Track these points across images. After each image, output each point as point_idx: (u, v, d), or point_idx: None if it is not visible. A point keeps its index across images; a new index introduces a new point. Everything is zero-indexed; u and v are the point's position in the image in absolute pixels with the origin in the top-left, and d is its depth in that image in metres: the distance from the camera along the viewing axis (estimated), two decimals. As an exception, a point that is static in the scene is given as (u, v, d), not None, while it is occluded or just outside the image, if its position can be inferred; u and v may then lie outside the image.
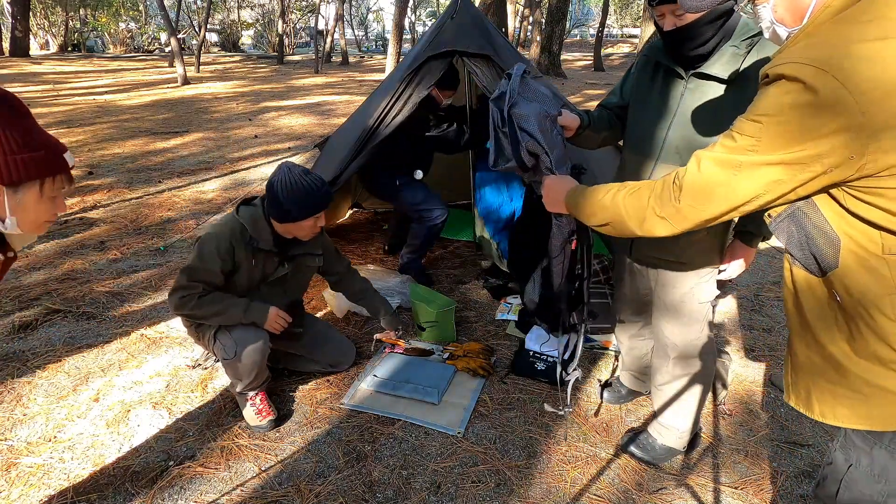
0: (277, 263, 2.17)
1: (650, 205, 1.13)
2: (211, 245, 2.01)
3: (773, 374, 2.52)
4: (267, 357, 2.15)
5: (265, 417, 2.14)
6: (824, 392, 1.07)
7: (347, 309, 2.97)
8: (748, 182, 0.97)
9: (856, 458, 1.10)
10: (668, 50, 1.60)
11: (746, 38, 1.48)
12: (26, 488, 1.87)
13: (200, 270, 2.02)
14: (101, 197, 4.84)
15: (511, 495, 1.86)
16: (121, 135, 7.23)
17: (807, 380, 1.11)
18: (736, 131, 0.99)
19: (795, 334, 1.13)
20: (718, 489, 1.90)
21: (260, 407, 2.16)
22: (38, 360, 2.56)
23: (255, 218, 2.08)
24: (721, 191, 1.01)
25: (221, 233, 2.04)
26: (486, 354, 2.57)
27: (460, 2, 2.77)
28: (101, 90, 11.36)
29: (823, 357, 1.06)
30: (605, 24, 20.43)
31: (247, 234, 2.05)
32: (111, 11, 25.99)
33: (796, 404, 1.15)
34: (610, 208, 1.23)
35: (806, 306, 1.08)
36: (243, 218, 2.08)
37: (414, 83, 2.58)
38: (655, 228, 1.14)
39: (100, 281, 3.31)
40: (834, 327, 1.03)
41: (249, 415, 2.16)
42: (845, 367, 1.02)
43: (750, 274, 3.53)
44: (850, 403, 1.03)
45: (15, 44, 17.87)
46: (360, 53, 28.08)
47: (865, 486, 1.10)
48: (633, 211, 1.17)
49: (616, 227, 1.24)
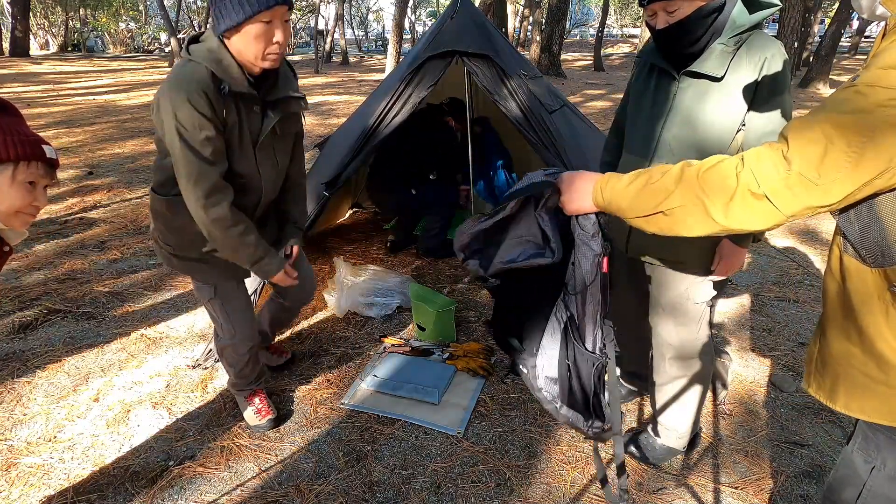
0: (261, 115, 1.70)
1: (743, 180, 0.89)
2: (183, 109, 1.50)
3: (774, 375, 2.52)
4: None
5: (265, 417, 2.13)
6: (856, 385, 1.02)
7: (348, 309, 2.97)
8: (883, 148, 0.78)
9: (881, 460, 1.06)
10: (660, 49, 1.60)
11: (735, 34, 1.47)
12: (26, 488, 1.87)
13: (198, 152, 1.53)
14: (101, 197, 4.84)
15: (511, 495, 1.86)
16: (121, 135, 7.23)
17: (836, 370, 1.05)
18: (865, 83, 0.80)
19: (833, 324, 1.05)
20: (718, 489, 1.90)
21: (259, 406, 2.15)
22: (38, 360, 2.56)
23: (214, 54, 1.56)
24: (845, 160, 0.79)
25: (184, 86, 1.51)
26: (486, 354, 2.57)
27: (460, 2, 2.77)
28: (101, 90, 11.36)
29: (865, 350, 0.99)
30: (605, 24, 20.42)
31: (216, 80, 1.55)
32: (111, 11, 26.00)
33: (816, 393, 1.10)
34: (676, 193, 0.97)
35: (854, 297, 0.99)
36: (201, 58, 1.55)
37: (414, 83, 2.58)
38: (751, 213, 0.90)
39: (100, 281, 3.31)
40: (883, 323, 0.96)
41: (249, 415, 2.15)
42: (891, 363, 0.96)
43: (750, 274, 3.53)
44: (885, 399, 0.99)
45: (15, 44, 17.88)
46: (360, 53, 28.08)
47: (892, 490, 1.05)
48: (714, 189, 0.92)
49: (679, 216, 0.98)
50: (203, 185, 1.58)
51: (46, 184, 1.17)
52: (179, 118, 1.51)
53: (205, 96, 1.52)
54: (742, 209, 0.90)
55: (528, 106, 2.56)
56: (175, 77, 1.54)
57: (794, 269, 3.60)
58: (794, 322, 2.97)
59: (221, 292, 1.93)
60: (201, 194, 1.59)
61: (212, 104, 1.54)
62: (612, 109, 9.37)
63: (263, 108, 1.71)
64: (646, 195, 1.02)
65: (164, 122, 1.54)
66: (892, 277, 0.93)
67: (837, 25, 12.02)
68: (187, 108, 1.50)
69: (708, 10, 1.44)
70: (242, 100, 1.64)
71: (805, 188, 0.84)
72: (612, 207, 1.11)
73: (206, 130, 1.54)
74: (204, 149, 1.55)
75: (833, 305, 1.05)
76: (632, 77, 1.82)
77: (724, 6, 1.46)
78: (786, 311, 3.08)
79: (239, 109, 1.63)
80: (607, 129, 2.07)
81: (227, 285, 1.93)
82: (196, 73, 1.53)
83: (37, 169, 1.12)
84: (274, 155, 1.81)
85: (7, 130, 1.08)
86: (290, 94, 1.77)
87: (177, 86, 1.52)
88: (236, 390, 2.19)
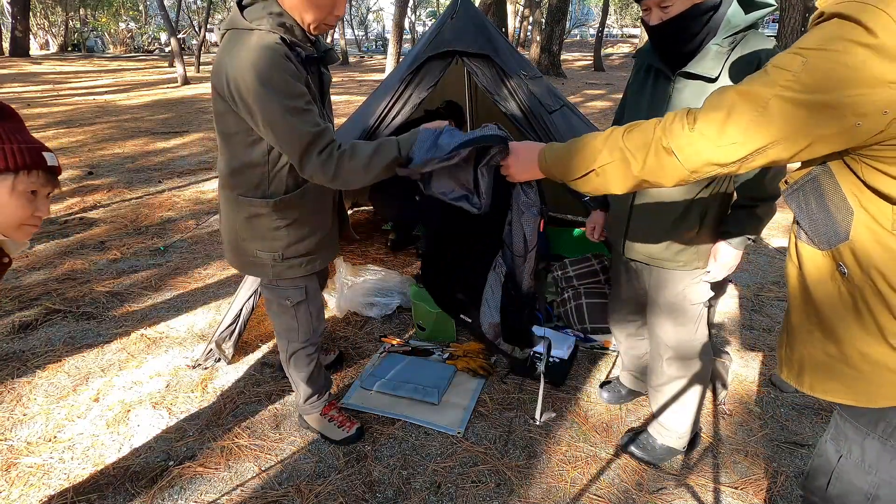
0: (319, 73, 1.64)
1: (656, 136, 1.01)
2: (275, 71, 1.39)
3: (774, 375, 2.52)
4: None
5: (353, 427, 2.07)
6: (818, 366, 1.06)
7: (348, 309, 2.97)
8: (774, 122, 0.88)
9: (847, 448, 1.10)
10: (655, 48, 1.60)
11: (729, 35, 1.46)
12: (26, 488, 1.87)
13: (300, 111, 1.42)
14: (101, 197, 4.84)
15: (511, 495, 1.86)
16: (121, 135, 7.24)
17: (801, 352, 1.10)
18: (772, 64, 0.90)
19: (796, 308, 1.11)
20: (718, 489, 1.90)
21: (340, 419, 2.09)
22: (38, 360, 2.56)
23: (277, 18, 1.46)
24: (741, 127, 0.91)
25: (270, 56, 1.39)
26: (486, 354, 2.57)
27: (460, 2, 2.77)
28: (101, 90, 11.36)
29: (824, 330, 1.04)
30: (605, 24, 20.42)
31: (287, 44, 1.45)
32: (111, 11, 26.01)
33: (787, 377, 1.14)
34: (604, 151, 1.10)
35: (809, 280, 1.05)
36: (266, 25, 1.44)
37: (414, 83, 2.58)
38: (661, 166, 1.02)
39: (100, 281, 3.31)
40: (838, 303, 1.01)
41: (333, 431, 2.06)
42: (846, 342, 1.00)
43: (750, 274, 3.53)
44: (843, 379, 1.02)
45: (15, 44, 17.89)
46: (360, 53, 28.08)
47: (856, 477, 1.09)
48: (635, 146, 1.05)
49: (610, 173, 1.11)
50: (316, 147, 1.45)
51: (49, 192, 1.13)
52: (277, 86, 1.39)
53: (288, 60, 1.42)
54: (655, 162, 1.03)
55: (528, 106, 2.56)
56: (252, 50, 1.40)
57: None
58: (794, 322, 2.97)
59: (311, 290, 1.84)
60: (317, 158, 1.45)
61: (296, 67, 1.45)
62: (612, 109, 9.38)
63: (319, 66, 1.65)
64: (580, 157, 1.16)
65: (257, 102, 1.39)
66: (837, 258, 0.99)
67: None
68: (282, 78, 1.40)
69: (702, 8, 1.43)
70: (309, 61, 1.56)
71: (705, 146, 0.96)
72: (553, 171, 1.27)
73: (304, 93, 1.44)
74: (309, 116, 1.44)
75: (794, 290, 1.10)
76: (630, 77, 1.82)
77: (719, 6, 1.45)
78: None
79: (309, 71, 1.56)
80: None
81: (314, 284, 1.86)
82: (270, 41, 1.42)
83: (38, 178, 1.08)
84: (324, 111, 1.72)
85: (6, 138, 1.03)
86: (328, 47, 1.69)
87: (259, 55, 1.39)
88: (310, 407, 2.06)
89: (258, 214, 1.64)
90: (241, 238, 1.71)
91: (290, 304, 1.82)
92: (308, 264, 1.76)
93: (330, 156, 1.46)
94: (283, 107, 1.40)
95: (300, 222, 1.68)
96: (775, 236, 4.15)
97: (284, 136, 1.44)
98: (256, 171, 1.58)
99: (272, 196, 1.61)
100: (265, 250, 1.70)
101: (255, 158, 1.56)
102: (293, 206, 1.63)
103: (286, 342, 1.93)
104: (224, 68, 1.44)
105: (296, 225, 1.68)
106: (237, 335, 2.48)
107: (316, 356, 1.99)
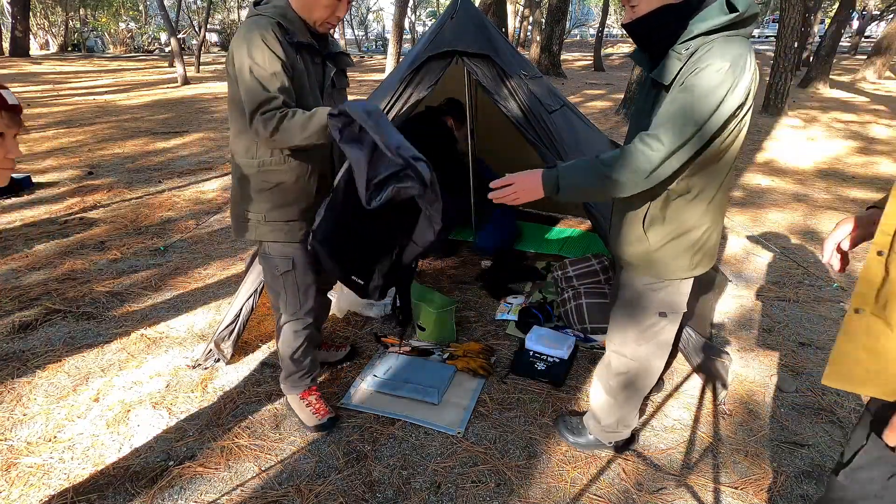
0: (322, 66, 1.85)
1: None
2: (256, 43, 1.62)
3: (774, 375, 2.51)
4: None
5: (325, 415, 2.15)
6: None
7: (348, 309, 2.97)
8: None
9: None
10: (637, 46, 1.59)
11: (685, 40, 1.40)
12: (26, 488, 1.87)
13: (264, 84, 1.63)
14: (101, 197, 4.84)
15: (511, 495, 1.86)
16: (121, 135, 7.24)
17: None
18: None
19: None
20: (718, 489, 1.90)
21: (317, 406, 2.17)
22: (38, 360, 2.56)
23: (280, 10, 1.71)
24: None
25: (256, 29, 1.64)
26: (486, 354, 2.57)
27: (460, 2, 2.77)
28: (101, 90, 11.36)
29: None
30: (605, 24, 20.41)
31: (283, 29, 1.68)
32: (111, 11, 26.00)
33: None
34: None
35: None
36: (269, 12, 1.69)
37: (414, 83, 2.58)
38: None
39: (100, 281, 3.31)
40: None
41: (306, 416, 2.15)
42: None
43: (750, 274, 3.53)
44: None
45: (15, 44, 17.88)
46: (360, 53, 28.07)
47: None
48: None
49: None
50: (264, 107, 1.64)
51: (15, 133, 1.12)
52: (252, 54, 1.62)
53: (275, 37, 1.64)
54: None
55: (528, 106, 2.56)
56: (247, 25, 1.67)
57: (794, 269, 3.60)
58: (794, 322, 2.97)
59: (299, 263, 1.95)
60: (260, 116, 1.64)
61: (281, 45, 1.66)
62: (612, 109, 9.37)
63: (324, 60, 1.85)
64: None
65: (237, 62, 1.65)
66: None
67: (837, 25, 12.01)
68: (260, 46, 1.62)
69: (669, 10, 1.40)
70: (306, 50, 1.76)
71: None
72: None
73: (275, 66, 1.64)
74: (271, 83, 1.64)
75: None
76: None
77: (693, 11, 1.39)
78: (786, 311, 3.08)
79: (304, 59, 1.76)
80: (607, 130, 2.07)
81: (304, 257, 1.95)
82: (265, 21, 1.66)
83: (1, 119, 1.08)
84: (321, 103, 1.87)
85: None
86: (341, 51, 1.94)
87: (248, 30, 1.64)
88: (290, 386, 2.17)
89: (247, 176, 1.84)
90: (235, 200, 1.92)
91: (278, 272, 1.95)
92: (290, 231, 1.89)
93: (273, 116, 1.64)
94: (250, 68, 1.63)
95: (283, 189, 1.83)
96: (776, 236, 4.15)
97: (245, 93, 1.65)
98: (249, 135, 1.76)
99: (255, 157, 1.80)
100: (252, 210, 1.87)
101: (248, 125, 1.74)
102: (276, 170, 1.80)
103: (277, 314, 2.07)
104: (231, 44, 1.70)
105: (278, 190, 1.82)
106: (237, 335, 2.48)
107: (303, 336, 2.06)
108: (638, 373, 1.83)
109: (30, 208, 4.52)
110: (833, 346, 1.10)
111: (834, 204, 4.94)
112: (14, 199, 4.73)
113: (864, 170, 6.10)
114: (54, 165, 5.76)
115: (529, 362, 2.53)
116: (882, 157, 6.66)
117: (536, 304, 2.99)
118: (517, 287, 3.28)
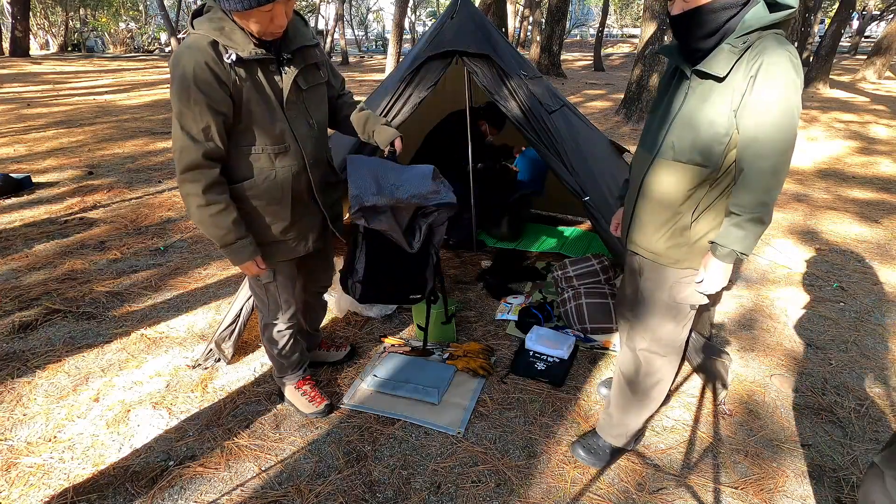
0: (279, 72, 1.69)
1: None
2: (185, 86, 1.52)
3: (774, 375, 2.51)
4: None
5: (320, 403, 2.21)
6: None
7: (348, 309, 2.97)
8: None
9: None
10: (676, 39, 1.59)
11: (741, 35, 1.44)
12: (26, 488, 1.87)
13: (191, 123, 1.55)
14: (101, 197, 4.84)
15: (511, 495, 1.86)
16: (121, 135, 7.24)
17: None
18: None
19: None
20: (718, 489, 1.90)
21: (312, 394, 2.23)
22: (38, 360, 2.56)
23: (216, 23, 1.57)
24: None
25: (189, 59, 1.52)
26: (486, 354, 2.57)
27: (460, 2, 2.77)
28: (101, 90, 11.36)
29: None
30: (605, 24, 20.42)
31: (218, 48, 1.55)
32: (111, 11, 25.99)
33: None
34: None
35: None
36: (203, 29, 1.56)
37: (414, 83, 2.58)
38: None
39: (100, 281, 3.31)
40: None
41: (302, 404, 2.22)
42: None
43: (750, 274, 3.53)
44: None
45: (15, 44, 17.87)
46: (360, 53, 28.07)
47: None
48: None
49: None
50: (183, 160, 1.59)
51: None
52: (181, 100, 1.55)
53: (208, 68, 1.52)
54: None
55: (528, 106, 2.56)
56: (178, 54, 1.55)
57: (794, 269, 3.60)
58: (794, 322, 2.97)
59: (280, 276, 1.97)
60: (180, 169, 1.60)
61: (216, 76, 1.54)
62: (612, 109, 9.37)
63: (279, 66, 1.69)
64: None
65: (171, 102, 1.57)
66: None
67: (837, 25, 12.01)
68: (182, 84, 1.53)
69: (724, 3, 1.42)
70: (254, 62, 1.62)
71: None
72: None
73: (198, 106, 1.54)
74: (191, 126, 1.57)
75: None
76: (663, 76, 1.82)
77: (744, 5, 1.43)
78: (786, 311, 3.08)
79: (253, 73, 1.62)
80: (607, 130, 2.07)
81: (287, 271, 1.98)
82: (197, 46, 1.53)
83: None
84: (307, 111, 1.79)
85: None
86: (304, 44, 1.73)
87: (178, 63, 1.53)
88: (282, 378, 2.24)
89: None
90: None
91: (262, 281, 1.98)
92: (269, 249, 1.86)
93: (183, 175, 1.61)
94: (179, 119, 1.57)
95: (254, 212, 1.77)
96: (775, 236, 4.15)
97: (174, 140, 1.60)
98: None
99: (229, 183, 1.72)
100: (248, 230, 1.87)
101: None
102: (241, 196, 1.73)
103: (260, 316, 2.12)
104: None
105: (248, 214, 1.76)
106: (237, 335, 2.48)
107: (286, 335, 2.12)
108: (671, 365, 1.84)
109: (30, 208, 4.52)
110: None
111: (834, 204, 4.94)
112: (14, 199, 4.73)
113: (864, 170, 6.10)
114: (54, 165, 5.76)
115: (529, 362, 2.53)
116: (882, 157, 6.66)
117: (536, 304, 2.99)
118: (517, 287, 3.28)
